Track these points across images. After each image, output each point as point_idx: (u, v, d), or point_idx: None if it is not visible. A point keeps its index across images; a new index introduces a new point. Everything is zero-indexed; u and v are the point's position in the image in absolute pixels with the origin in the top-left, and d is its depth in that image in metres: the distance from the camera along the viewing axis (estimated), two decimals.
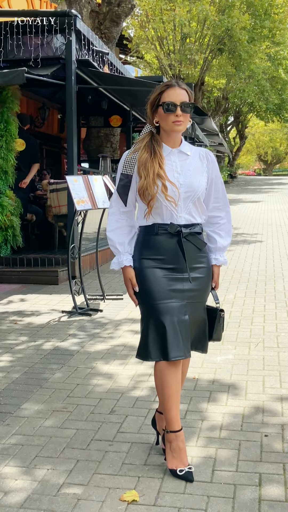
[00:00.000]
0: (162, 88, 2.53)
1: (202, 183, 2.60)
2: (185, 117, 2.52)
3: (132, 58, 24.77)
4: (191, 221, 2.59)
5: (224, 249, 2.77)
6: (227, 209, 2.76)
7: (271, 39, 25.60)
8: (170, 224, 2.55)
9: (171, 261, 2.57)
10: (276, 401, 3.41)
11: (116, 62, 9.11)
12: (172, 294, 2.54)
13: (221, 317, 2.72)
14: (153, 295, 2.52)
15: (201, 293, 2.65)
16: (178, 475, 2.52)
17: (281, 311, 5.54)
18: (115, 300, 6.15)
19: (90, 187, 5.57)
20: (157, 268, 2.56)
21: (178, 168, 2.57)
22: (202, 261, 2.66)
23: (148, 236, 2.60)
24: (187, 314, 2.55)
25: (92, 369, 4.00)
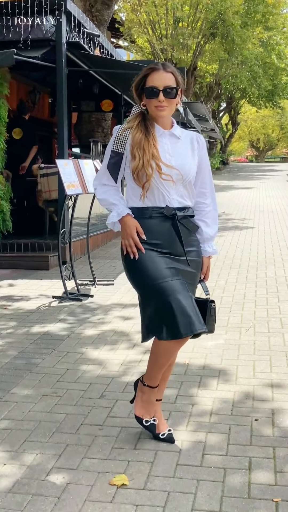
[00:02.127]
0: (146, 71, 2.48)
1: (193, 167, 2.57)
2: (169, 102, 2.47)
3: (124, 44, 24.52)
4: (183, 204, 2.56)
5: (211, 239, 2.72)
6: (213, 196, 2.72)
7: (264, 24, 25.43)
8: (166, 207, 2.51)
9: (166, 245, 2.53)
10: (267, 386, 3.41)
11: (107, 45, 8.99)
12: (173, 271, 2.50)
13: (212, 308, 2.66)
14: (153, 275, 2.47)
15: (195, 276, 2.64)
16: (145, 426, 2.71)
17: (272, 297, 5.54)
18: (106, 286, 6.12)
19: (81, 171, 5.51)
20: (152, 251, 2.52)
21: (170, 150, 2.53)
22: (194, 244, 2.65)
23: (141, 219, 2.55)
24: (189, 291, 2.53)
25: (82, 354, 3.98)
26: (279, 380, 3.48)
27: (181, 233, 2.52)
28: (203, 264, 2.70)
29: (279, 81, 31.10)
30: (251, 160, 68.24)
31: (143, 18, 21.72)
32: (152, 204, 2.53)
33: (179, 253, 2.55)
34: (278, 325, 4.60)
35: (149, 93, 2.45)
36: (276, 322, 4.66)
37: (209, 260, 2.74)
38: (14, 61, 6.41)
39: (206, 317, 2.60)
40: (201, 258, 2.69)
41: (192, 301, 2.47)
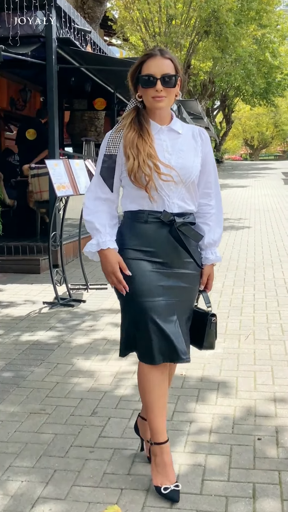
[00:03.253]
0: (142, 58, 2.22)
1: (196, 165, 2.28)
2: (167, 92, 2.20)
3: (117, 42, 24.27)
4: (185, 209, 2.28)
5: (215, 244, 2.43)
6: (218, 196, 2.44)
7: (258, 21, 25.24)
8: (163, 212, 2.23)
9: (160, 255, 2.26)
10: (269, 400, 3.20)
11: (99, 42, 8.78)
12: (161, 291, 2.24)
13: (212, 322, 2.37)
14: (139, 290, 2.22)
15: (190, 291, 2.36)
16: (163, 494, 2.26)
17: (271, 301, 5.33)
18: (98, 290, 5.90)
19: (72, 172, 5.29)
20: (144, 261, 2.25)
21: (169, 148, 2.25)
22: (195, 255, 2.36)
23: (135, 223, 2.27)
24: (175, 314, 2.27)
25: (73, 366, 3.76)
26: (282, 394, 3.27)
27: (179, 242, 2.25)
28: (204, 273, 2.41)
29: (273, 79, 30.95)
30: (246, 158, 68.09)
31: (136, 16, 21.49)
32: (149, 208, 2.25)
33: (175, 265, 2.29)
34: (278, 331, 4.40)
35: (145, 82, 2.17)
36: (277, 329, 4.46)
37: (212, 268, 2.45)
38: (3, 58, 6.18)
39: (205, 332, 2.36)
40: (199, 271, 2.40)
41: (176, 327, 2.23)
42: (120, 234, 2.32)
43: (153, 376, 2.26)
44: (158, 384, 2.27)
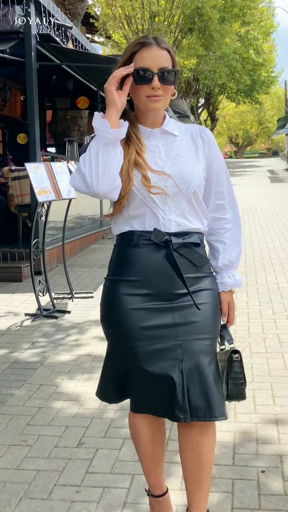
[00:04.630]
0: (134, 47, 1.79)
1: (198, 172, 1.87)
2: (165, 90, 1.79)
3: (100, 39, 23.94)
4: (186, 227, 1.86)
5: (231, 266, 1.97)
6: (234, 208, 2.00)
7: (242, 18, 25.08)
8: (153, 230, 1.82)
9: (156, 284, 1.82)
10: (270, 423, 2.95)
11: (81, 39, 8.48)
12: (154, 333, 1.80)
13: (234, 361, 1.89)
14: (121, 335, 1.84)
15: (204, 325, 1.84)
16: None
17: (265, 308, 5.09)
18: (84, 299, 5.61)
19: (54, 176, 4.99)
20: (134, 296, 1.83)
21: (163, 153, 1.86)
22: (203, 283, 1.89)
23: (124, 248, 1.87)
24: (180, 359, 1.79)
25: (57, 387, 3.47)
26: (284, 415, 3.02)
27: (180, 267, 1.82)
28: (222, 302, 1.94)
29: (258, 76, 30.84)
30: (230, 156, 68.07)
31: (119, 13, 21.19)
32: (140, 228, 1.85)
33: (174, 296, 1.83)
34: (276, 343, 4.15)
35: (139, 77, 1.75)
36: (274, 340, 4.21)
37: (231, 296, 1.98)
38: None
39: (229, 375, 1.89)
40: (217, 300, 1.93)
41: (177, 377, 1.77)
42: (110, 261, 1.96)
43: (140, 426, 1.95)
44: (146, 437, 1.96)
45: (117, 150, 1.74)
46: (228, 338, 1.94)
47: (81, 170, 1.74)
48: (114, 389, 1.94)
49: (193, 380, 1.77)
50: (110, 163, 1.72)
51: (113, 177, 1.74)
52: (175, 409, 1.76)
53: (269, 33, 32.32)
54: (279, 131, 35.89)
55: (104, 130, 1.71)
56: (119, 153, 1.75)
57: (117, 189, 1.77)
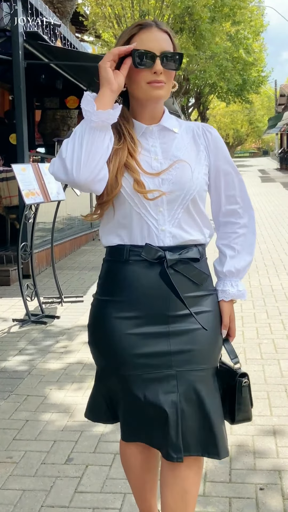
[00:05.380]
0: (132, 30, 1.60)
1: (198, 176, 1.66)
2: (167, 76, 1.59)
3: (89, 38, 23.78)
4: (183, 239, 1.65)
5: (237, 274, 1.77)
6: (249, 212, 1.79)
7: (232, 18, 25.01)
8: (145, 246, 1.61)
9: (149, 306, 1.63)
10: (268, 435, 2.83)
11: (70, 37, 8.33)
12: (147, 361, 1.63)
13: (242, 385, 1.71)
14: (115, 362, 1.66)
15: (202, 354, 1.66)
16: None
17: (259, 311, 4.97)
18: (74, 303, 5.47)
19: (42, 177, 4.85)
20: (125, 319, 1.64)
21: (159, 154, 1.65)
22: (203, 303, 1.69)
23: (113, 264, 1.69)
24: (174, 392, 1.62)
25: (45, 398, 3.33)
26: (281, 427, 2.90)
27: (177, 287, 1.60)
28: (223, 312, 1.75)
29: (248, 76, 30.79)
30: None
31: (108, 12, 21.04)
32: (130, 241, 1.64)
33: (169, 320, 1.64)
34: (271, 349, 4.03)
35: (140, 59, 1.54)
36: (269, 345, 4.09)
37: (232, 307, 1.78)
38: None
39: (235, 399, 1.71)
40: (217, 323, 1.73)
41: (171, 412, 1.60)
42: (98, 280, 1.78)
43: (131, 454, 1.81)
44: (138, 466, 1.81)
45: (105, 136, 1.52)
46: (232, 357, 1.74)
47: (61, 155, 1.52)
48: (107, 410, 1.79)
49: (189, 415, 1.62)
50: (96, 150, 1.50)
51: (97, 167, 1.51)
52: (168, 447, 1.60)
53: (259, 32, 32.29)
54: (269, 130, 35.95)
55: (90, 111, 1.49)
56: (107, 140, 1.53)
57: (101, 181, 1.55)
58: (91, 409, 1.83)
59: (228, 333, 1.79)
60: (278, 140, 45.01)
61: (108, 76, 1.52)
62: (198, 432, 1.64)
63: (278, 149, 43.54)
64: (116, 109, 1.53)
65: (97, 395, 1.80)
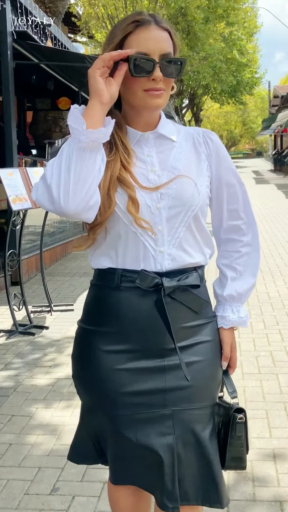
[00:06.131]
0: (127, 27, 1.38)
1: (201, 189, 1.48)
2: (167, 83, 1.40)
3: (82, 39, 23.61)
4: (183, 262, 1.47)
5: (239, 299, 1.59)
6: (253, 229, 1.61)
7: (226, 19, 24.92)
8: (140, 272, 1.43)
9: (142, 338, 1.45)
10: (267, 459, 2.65)
11: (61, 37, 8.13)
12: (140, 400, 1.45)
13: (237, 422, 1.51)
14: (103, 400, 1.48)
15: (200, 391, 1.48)
16: None
17: (256, 321, 4.80)
18: (64, 312, 5.28)
19: (29, 182, 4.66)
20: (115, 353, 1.46)
21: (156, 165, 1.46)
22: (201, 332, 1.52)
23: (103, 290, 1.49)
24: (170, 433, 1.43)
25: (31, 418, 3.14)
26: (281, 450, 2.73)
27: (173, 317, 1.43)
28: (223, 342, 1.56)
29: (242, 77, 30.70)
30: None
31: (101, 12, 20.87)
32: (122, 264, 1.45)
33: (165, 353, 1.46)
34: (269, 362, 3.86)
35: (136, 67, 1.35)
36: (267, 358, 3.92)
37: (233, 335, 1.59)
38: None
39: (228, 439, 1.51)
40: (217, 355, 1.55)
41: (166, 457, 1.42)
42: (85, 304, 1.58)
43: (121, 497, 1.61)
44: (125, 508, 1.62)
45: (97, 157, 1.32)
46: (230, 390, 1.57)
47: (46, 181, 1.31)
48: (94, 450, 1.60)
49: (186, 460, 1.43)
50: (86, 174, 1.30)
51: (89, 193, 1.31)
52: (163, 495, 1.42)
53: (252, 33, 32.23)
54: (263, 132, 35.89)
55: (79, 130, 1.28)
56: (99, 161, 1.32)
57: (93, 208, 1.35)
58: (75, 450, 1.63)
59: (229, 364, 1.61)
60: (272, 141, 44.98)
61: (97, 86, 1.32)
62: (197, 478, 1.46)
63: (272, 150, 43.50)
64: (108, 126, 1.33)
65: (82, 434, 1.60)
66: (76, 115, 1.30)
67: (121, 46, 1.39)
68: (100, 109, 1.32)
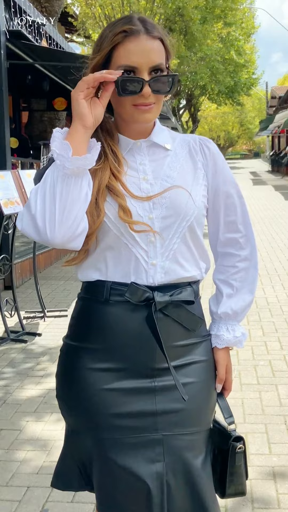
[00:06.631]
0: (115, 38, 1.29)
1: (197, 198, 1.39)
2: (158, 97, 1.33)
3: (79, 39, 23.50)
4: (177, 276, 1.38)
5: (235, 317, 1.49)
6: (251, 243, 1.51)
7: (223, 19, 24.84)
8: (129, 285, 1.33)
9: (132, 356, 1.35)
10: (267, 478, 2.53)
11: (56, 36, 8.02)
12: (128, 422, 1.34)
13: (236, 452, 1.41)
14: (88, 422, 1.37)
15: (193, 415, 1.38)
16: None
17: (255, 328, 4.68)
18: (57, 318, 5.15)
19: (22, 185, 4.53)
20: (102, 371, 1.37)
21: (149, 173, 1.38)
22: (195, 351, 1.42)
23: (90, 303, 1.40)
24: (160, 461, 1.33)
25: (21, 432, 3.02)
26: (282, 468, 2.61)
27: (165, 333, 1.33)
28: (218, 363, 1.47)
29: (239, 78, 30.63)
30: None
31: (98, 12, 20.76)
32: (112, 276, 1.36)
33: (155, 373, 1.36)
34: (268, 372, 3.74)
35: (123, 87, 1.28)
36: (266, 368, 3.80)
37: (228, 355, 1.49)
38: None
39: (227, 468, 1.42)
40: (211, 376, 1.46)
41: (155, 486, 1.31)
42: (71, 320, 1.49)
43: None
44: None
45: (83, 183, 1.26)
46: (226, 415, 1.46)
47: (30, 210, 1.24)
48: (79, 475, 1.48)
49: (176, 491, 1.33)
50: (72, 202, 1.23)
51: (76, 221, 1.25)
52: None
53: (250, 34, 32.17)
54: (261, 132, 35.83)
55: (64, 156, 1.22)
56: (85, 187, 1.26)
57: (81, 236, 1.28)
58: (59, 475, 1.51)
59: (224, 386, 1.51)
60: (269, 142, 44.92)
61: (80, 110, 1.25)
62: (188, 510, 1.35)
63: (269, 151, 43.44)
64: (93, 150, 1.27)
65: (67, 458, 1.49)
66: (60, 140, 1.25)
67: (109, 58, 1.31)
68: (84, 133, 1.26)
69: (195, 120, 40.32)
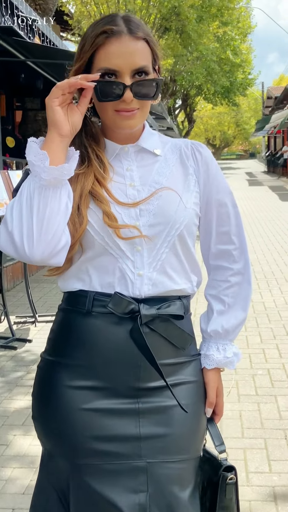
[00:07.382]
0: (97, 39, 1.19)
1: (187, 205, 1.29)
2: (142, 102, 1.23)
3: (74, 38, 23.34)
4: (165, 288, 1.27)
5: (226, 335, 1.37)
6: (246, 256, 1.40)
7: (220, 18, 24.74)
8: (113, 295, 1.23)
9: (114, 373, 1.24)
10: (267, 500, 2.39)
11: (49, 33, 7.86)
12: (109, 447, 1.22)
13: (227, 483, 1.29)
14: (66, 445, 1.24)
15: (180, 441, 1.26)
16: None
17: (252, 335, 4.54)
18: (49, 323, 5.00)
19: (11, 186, 4.38)
20: (81, 389, 1.24)
21: (136, 179, 1.29)
22: (183, 371, 1.31)
23: (71, 315, 1.29)
24: (143, 491, 1.21)
25: (7, 448, 2.86)
26: (283, 488, 2.47)
27: (152, 350, 1.21)
28: (208, 385, 1.36)
29: (235, 78, 30.56)
30: None
31: (94, 11, 20.61)
32: (95, 287, 1.26)
33: (139, 393, 1.25)
34: (267, 382, 3.59)
35: (103, 91, 1.19)
36: (264, 378, 3.65)
37: (218, 376, 1.38)
38: None
39: (217, 501, 1.29)
40: (200, 398, 1.34)
41: None
42: (50, 333, 1.37)
43: None
44: None
45: (62, 193, 1.16)
46: (217, 443, 1.33)
47: (7, 226, 1.14)
48: (58, 504, 1.32)
49: None
50: (51, 215, 1.14)
51: (56, 236, 1.16)
52: None
53: (246, 33, 32.08)
54: (257, 133, 35.77)
55: (40, 167, 1.13)
56: (65, 198, 1.17)
57: (62, 251, 1.19)
58: (36, 506, 1.36)
59: (214, 410, 1.38)
60: (265, 143, 44.86)
61: (55, 118, 1.17)
62: None
63: (265, 151, 43.37)
64: (72, 160, 1.18)
65: (44, 486, 1.34)
66: (36, 150, 1.15)
67: (90, 62, 1.23)
68: (60, 142, 1.18)
69: (190, 120, 40.22)
